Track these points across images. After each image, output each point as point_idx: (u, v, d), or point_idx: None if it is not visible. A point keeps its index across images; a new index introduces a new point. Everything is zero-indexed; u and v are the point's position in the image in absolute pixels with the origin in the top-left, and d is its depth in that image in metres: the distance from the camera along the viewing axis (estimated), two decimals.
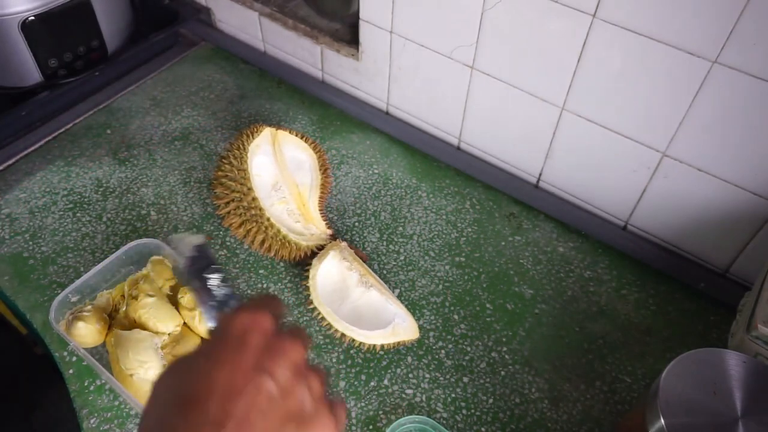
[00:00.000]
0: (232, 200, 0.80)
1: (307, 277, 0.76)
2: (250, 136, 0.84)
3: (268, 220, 0.78)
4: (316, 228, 0.83)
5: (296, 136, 0.88)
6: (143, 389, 0.67)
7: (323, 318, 0.74)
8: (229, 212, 0.81)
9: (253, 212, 0.79)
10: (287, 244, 0.79)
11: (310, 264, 0.77)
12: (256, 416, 0.32)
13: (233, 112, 1.05)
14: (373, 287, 0.77)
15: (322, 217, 0.84)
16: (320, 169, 0.87)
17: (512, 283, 0.83)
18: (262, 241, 0.80)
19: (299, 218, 0.83)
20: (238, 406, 0.32)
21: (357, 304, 0.76)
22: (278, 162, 0.85)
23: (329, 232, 0.83)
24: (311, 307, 0.75)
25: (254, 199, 0.78)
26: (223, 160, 0.83)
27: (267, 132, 0.85)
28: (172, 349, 0.69)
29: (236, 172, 0.80)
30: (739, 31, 0.62)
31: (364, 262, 0.80)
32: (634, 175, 0.81)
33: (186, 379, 0.34)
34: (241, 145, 0.82)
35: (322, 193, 0.86)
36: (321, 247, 0.81)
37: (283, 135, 0.87)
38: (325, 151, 0.92)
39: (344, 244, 0.80)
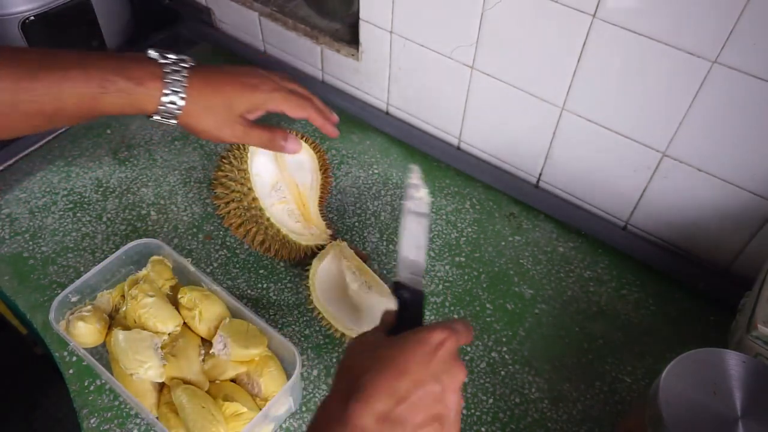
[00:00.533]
0: (232, 200, 0.80)
1: (307, 276, 0.76)
2: None
3: (268, 220, 0.78)
4: (316, 228, 0.83)
5: (296, 136, 0.88)
6: (143, 389, 0.67)
7: (323, 318, 0.74)
8: (229, 212, 0.82)
9: (252, 212, 0.79)
10: (287, 244, 0.79)
11: (310, 264, 0.78)
12: (424, 406, 0.45)
13: None
14: (372, 288, 0.77)
15: (322, 217, 0.84)
16: (320, 170, 0.87)
17: (512, 283, 0.83)
18: (262, 241, 0.80)
19: (299, 218, 0.83)
20: (416, 394, 0.44)
21: (356, 303, 0.76)
22: (278, 162, 0.85)
23: (329, 231, 0.83)
24: (311, 306, 0.75)
25: (254, 199, 0.78)
26: (224, 160, 0.83)
27: None
28: (171, 348, 0.69)
29: (236, 172, 0.80)
30: (739, 31, 0.62)
31: (364, 261, 0.80)
32: (634, 175, 0.81)
33: (390, 356, 0.46)
34: (241, 146, 0.82)
35: (322, 193, 0.85)
36: (321, 247, 0.81)
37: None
38: (325, 151, 0.92)
39: (344, 243, 0.80)
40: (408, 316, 0.52)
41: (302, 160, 0.88)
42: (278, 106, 0.69)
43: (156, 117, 0.62)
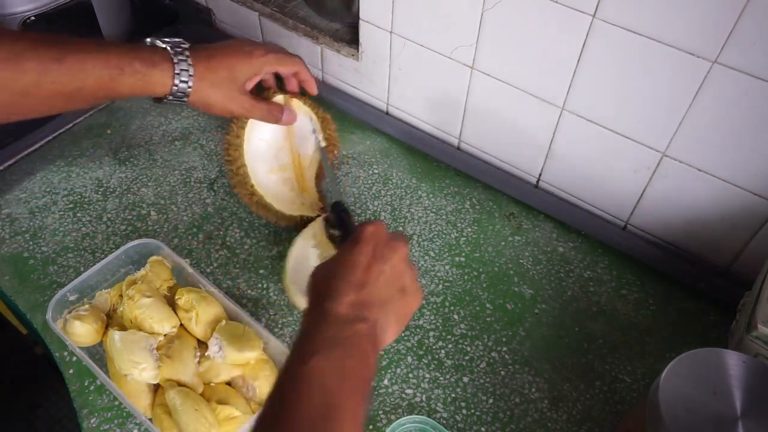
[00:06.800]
0: (228, 162, 0.84)
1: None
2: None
3: (252, 186, 0.81)
4: (309, 198, 0.84)
5: (306, 105, 0.88)
6: (138, 390, 0.67)
7: (288, 294, 0.74)
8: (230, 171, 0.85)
9: (239, 178, 0.82)
10: (271, 211, 0.82)
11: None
12: (384, 283, 0.53)
13: None
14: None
15: (318, 189, 0.85)
16: (324, 141, 0.87)
17: (512, 283, 0.83)
18: (253, 204, 0.83)
19: (294, 187, 0.85)
20: (372, 276, 0.53)
21: None
22: (287, 130, 0.86)
23: (320, 204, 0.84)
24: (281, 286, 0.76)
25: (242, 165, 0.81)
26: (231, 124, 0.85)
27: (280, 99, 0.85)
28: (167, 350, 0.68)
29: (234, 136, 0.82)
30: (739, 31, 0.62)
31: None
32: (634, 175, 0.81)
33: (342, 261, 0.54)
34: None
35: (319, 167, 0.86)
36: (311, 218, 0.83)
37: (297, 104, 0.87)
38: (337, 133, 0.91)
39: (320, 220, 0.81)
40: (349, 231, 0.63)
41: (308, 131, 0.88)
42: (273, 67, 0.75)
43: (169, 97, 0.67)
